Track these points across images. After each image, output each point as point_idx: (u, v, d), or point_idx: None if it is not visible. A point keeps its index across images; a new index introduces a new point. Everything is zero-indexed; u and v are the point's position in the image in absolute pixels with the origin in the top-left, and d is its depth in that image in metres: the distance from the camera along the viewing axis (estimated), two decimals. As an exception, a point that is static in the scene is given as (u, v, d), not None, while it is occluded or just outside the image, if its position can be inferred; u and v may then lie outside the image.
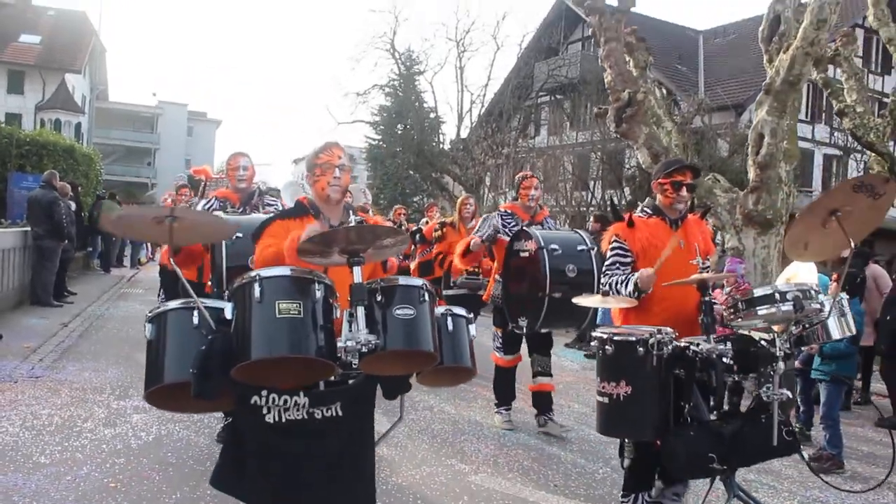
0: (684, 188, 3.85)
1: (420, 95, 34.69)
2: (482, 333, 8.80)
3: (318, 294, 2.61)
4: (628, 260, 3.87)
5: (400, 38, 50.99)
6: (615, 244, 3.93)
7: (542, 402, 5.87)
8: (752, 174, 9.82)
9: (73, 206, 12.23)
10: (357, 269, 2.66)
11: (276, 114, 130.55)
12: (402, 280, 2.85)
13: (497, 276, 5.95)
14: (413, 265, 8.95)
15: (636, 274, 3.72)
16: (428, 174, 31.14)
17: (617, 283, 3.82)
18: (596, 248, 5.27)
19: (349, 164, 3.24)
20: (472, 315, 3.20)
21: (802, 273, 4.64)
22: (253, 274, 2.62)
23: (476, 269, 7.39)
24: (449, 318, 3.06)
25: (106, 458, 4.58)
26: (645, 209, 4.09)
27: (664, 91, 27.97)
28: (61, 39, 36.18)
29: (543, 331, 5.65)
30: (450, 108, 37.60)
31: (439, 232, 8.14)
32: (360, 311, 2.62)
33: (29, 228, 10.81)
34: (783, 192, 9.62)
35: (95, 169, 17.57)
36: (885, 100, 25.75)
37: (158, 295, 8.93)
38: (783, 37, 10.10)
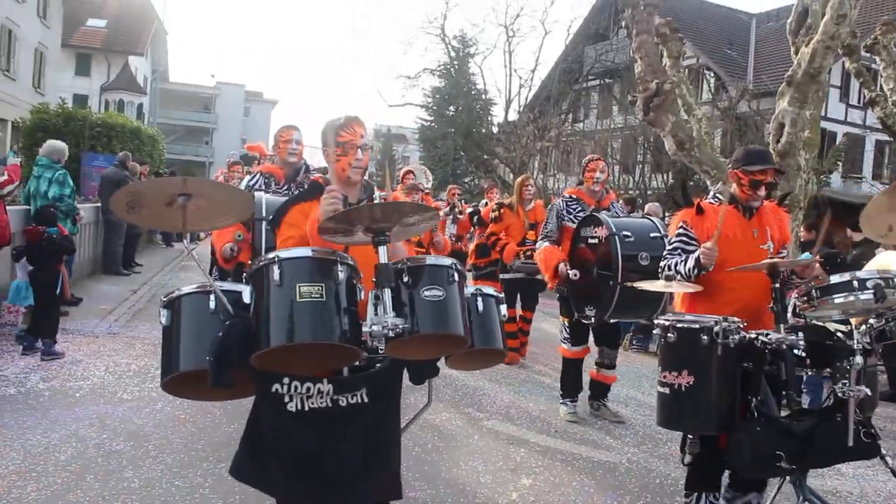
0: (763, 187, 3.64)
1: (470, 78, 35.32)
2: (540, 319, 9.40)
3: (342, 275, 2.43)
4: (692, 248, 3.71)
5: (450, 22, 51.45)
6: (681, 230, 3.80)
7: (599, 390, 5.85)
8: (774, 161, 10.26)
9: (141, 184, 13.27)
10: (383, 249, 2.50)
11: (328, 96, 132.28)
12: (430, 259, 2.66)
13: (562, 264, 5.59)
14: (471, 246, 8.82)
15: (697, 252, 3.58)
16: (475, 156, 31.74)
17: (676, 264, 3.71)
18: (669, 236, 5.03)
19: (370, 142, 3.10)
20: (501, 295, 3.06)
21: (893, 262, 4.17)
22: (271, 255, 2.44)
23: (533, 254, 7.04)
24: (479, 299, 2.88)
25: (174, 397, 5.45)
26: (717, 195, 3.93)
27: (714, 75, 28.19)
28: (125, 23, 37.64)
29: (612, 321, 5.47)
30: (498, 92, 38.15)
31: (496, 213, 7.76)
32: (387, 293, 2.45)
33: (100, 204, 11.87)
34: (801, 179, 10.05)
35: (159, 149, 18.70)
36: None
37: (211, 273, 8.85)
38: (810, 29, 10.48)
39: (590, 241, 5.33)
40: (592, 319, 5.33)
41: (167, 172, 17.70)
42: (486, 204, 9.90)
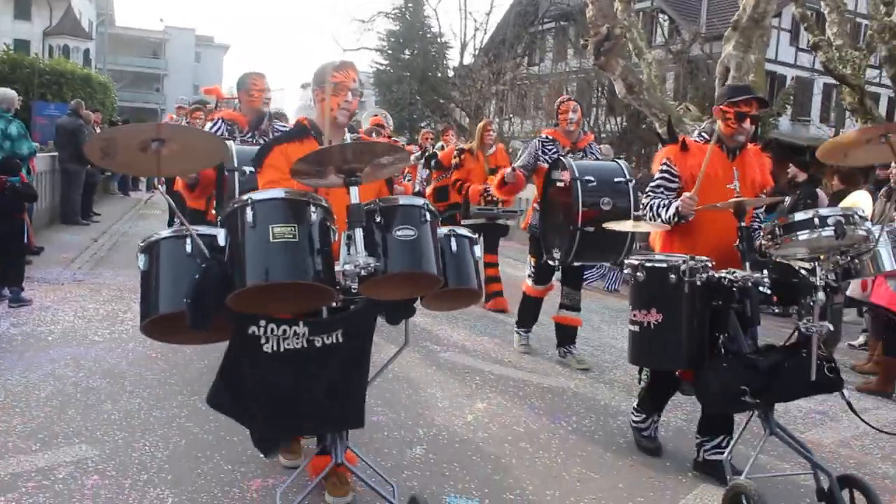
0: (748, 119, 3.66)
1: (425, 21, 35.03)
2: (516, 268, 9.64)
3: (315, 217, 2.48)
4: (674, 185, 3.77)
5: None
6: (664, 167, 3.82)
7: (565, 334, 5.80)
8: (718, 104, 10.66)
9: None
10: (354, 190, 2.55)
11: (281, 40, 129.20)
12: (403, 200, 2.71)
13: (535, 205, 5.76)
14: (428, 190, 8.74)
15: (678, 200, 3.63)
16: (431, 100, 31.72)
17: (658, 206, 3.74)
18: (634, 181, 5.22)
19: (361, 88, 3.12)
20: (476, 236, 3.08)
21: (863, 201, 4.26)
22: (245, 198, 2.48)
23: (493, 199, 7.38)
24: (452, 239, 2.90)
25: (145, 338, 5.68)
26: (703, 133, 3.92)
27: (668, 18, 28.39)
28: (67, -37, 36.29)
29: (576, 264, 5.51)
30: (454, 35, 37.74)
31: (458, 158, 7.79)
32: (359, 233, 2.50)
33: (56, 153, 11.79)
34: (708, 122, 10.47)
35: (111, 97, 18.45)
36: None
37: (171, 223, 8.85)
38: (755, -25, 10.77)
39: (557, 183, 5.35)
40: (556, 261, 5.39)
41: (119, 120, 17.49)
42: (443, 147, 9.85)
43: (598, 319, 7.63)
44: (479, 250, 3.02)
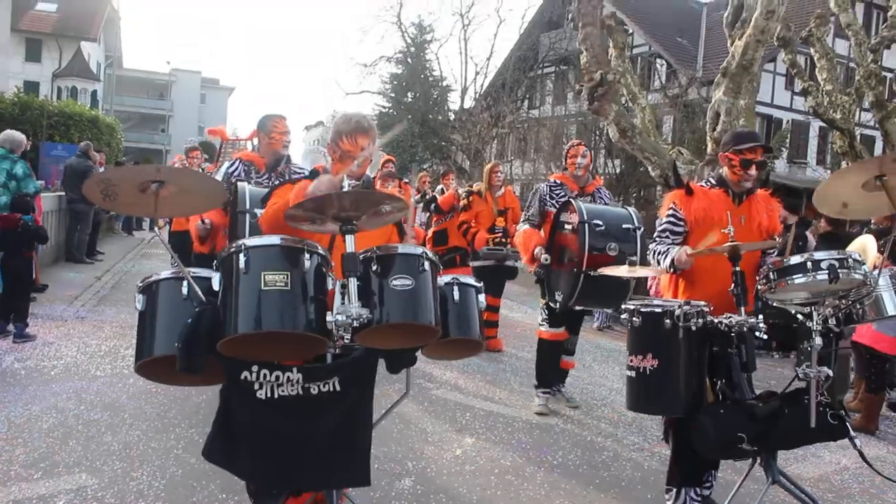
0: (754, 167, 3.67)
1: (427, 65, 35.69)
2: (512, 309, 9.78)
3: (308, 264, 2.45)
4: (680, 230, 3.77)
5: (406, 10, 51.55)
6: (670, 211, 3.82)
7: (557, 375, 5.83)
8: (709, 148, 10.91)
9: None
10: (350, 238, 2.51)
11: (285, 83, 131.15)
12: (401, 248, 2.64)
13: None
14: (428, 234, 8.62)
15: (676, 250, 3.61)
16: (431, 143, 32.17)
17: (657, 254, 3.76)
18: (643, 229, 5.13)
19: (370, 152, 3.05)
20: (481, 284, 3.02)
21: (870, 246, 4.12)
22: (239, 243, 2.48)
23: (502, 240, 7.40)
24: (455, 288, 2.85)
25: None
26: (710, 179, 3.93)
27: (665, 63, 28.92)
28: (76, 7, 36.90)
29: (577, 308, 5.40)
30: (454, 80, 38.76)
31: (465, 200, 7.79)
32: (353, 282, 2.46)
33: (63, 193, 12.05)
34: (717, 168, 10.71)
35: (117, 138, 18.78)
36: (887, 73, 26.68)
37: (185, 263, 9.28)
38: (745, 23, 11.10)
39: (566, 226, 5.27)
40: (557, 305, 5.30)
41: (125, 161, 17.81)
42: (443, 191, 9.81)
43: (591, 359, 7.76)
44: (483, 299, 2.97)
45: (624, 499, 4.03)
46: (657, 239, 3.83)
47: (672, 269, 3.63)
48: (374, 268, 2.54)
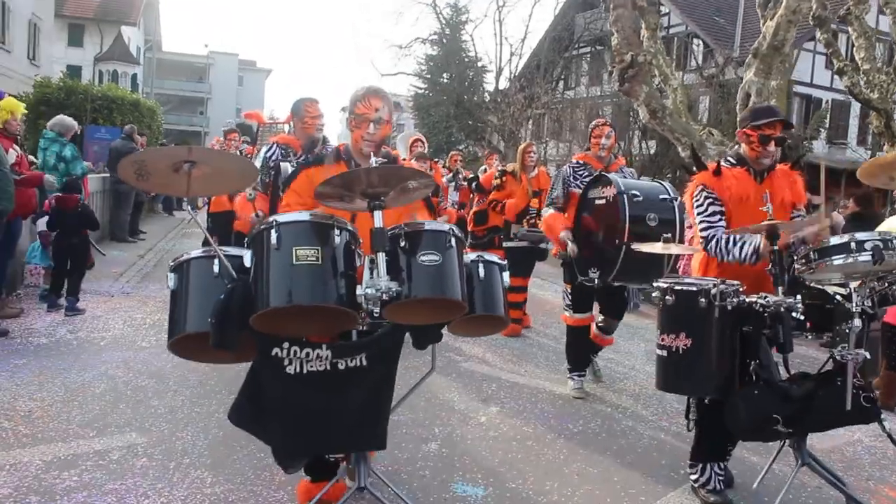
0: (773, 142, 3.60)
1: (462, 46, 35.70)
2: (542, 288, 9.90)
3: (339, 240, 2.51)
4: (722, 209, 3.66)
5: (441, -9, 51.44)
6: (707, 193, 3.68)
7: (591, 346, 5.78)
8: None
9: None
10: (378, 214, 2.56)
11: (321, 65, 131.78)
12: (428, 225, 2.70)
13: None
14: (469, 214, 8.69)
15: (756, 238, 3.45)
16: (466, 124, 32.24)
17: (730, 243, 3.55)
18: (679, 199, 4.91)
19: (387, 115, 3.11)
20: (504, 262, 3.06)
21: None
22: (270, 220, 2.55)
23: (536, 222, 7.24)
24: (480, 265, 2.89)
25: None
26: (728, 158, 3.86)
27: (702, 43, 28.60)
28: (117, -8, 37.73)
29: (616, 284, 5.17)
30: (489, 61, 38.50)
31: (499, 180, 7.69)
32: (381, 257, 2.51)
33: (107, 175, 12.49)
34: (735, 146, 10.72)
35: (157, 121, 19.25)
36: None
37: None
38: (777, 3, 11.06)
39: (597, 202, 5.14)
40: (596, 282, 5.11)
41: (166, 143, 18.27)
42: (486, 170, 9.78)
43: (616, 335, 7.90)
44: (507, 277, 3.01)
45: (639, 465, 4.23)
46: (709, 222, 3.64)
47: (755, 258, 3.44)
48: (403, 244, 2.61)
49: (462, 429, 4.62)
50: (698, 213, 3.72)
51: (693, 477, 3.71)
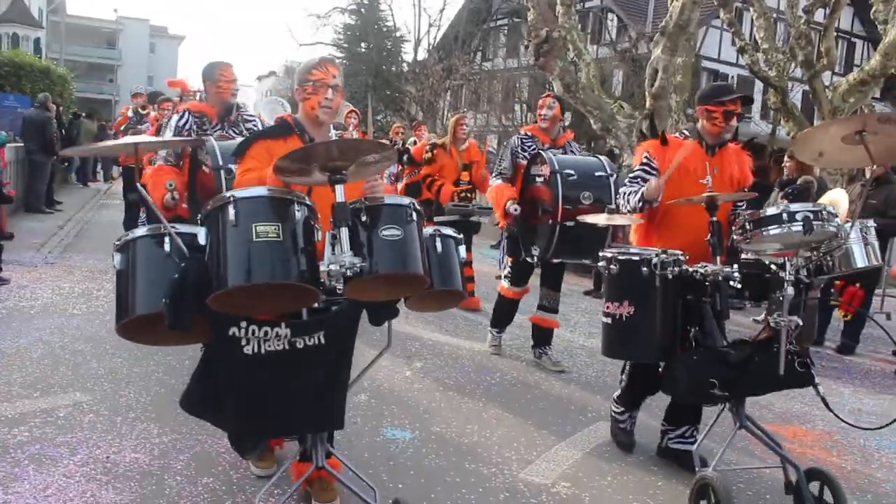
0: (734, 118, 3.75)
1: (381, 16, 35.63)
2: (478, 260, 10.25)
3: (299, 215, 2.43)
4: (652, 178, 3.81)
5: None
6: (644, 160, 3.91)
7: (542, 336, 5.73)
8: (648, 103, 11.56)
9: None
10: (339, 188, 2.49)
11: (237, 32, 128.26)
12: (389, 199, 2.64)
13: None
14: (400, 186, 8.63)
15: (645, 186, 3.73)
16: (385, 94, 32.32)
17: (628, 194, 3.84)
18: (616, 176, 5.15)
19: (341, 83, 3.05)
20: (461, 236, 3.08)
21: (839, 199, 4.12)
22: (227, 195, 2.42)
23: (467, 195, 7.30)
24: (437, 239, 2.88)
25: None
26: (684, 132, 4.02)
27: (616, 18, 29.42)
28: (16, -50, 35.77)
29: (555, 261, 5.36)
30: (408, 31, 38.27)
31: (429, 154, 7.54)
32: (344, 232, 2.45)
33: (21, 144, 12.21)
34: (672, 119, 11.40)
35: (68, 89, 18.71)
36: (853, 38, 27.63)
37: (138, 218, 8.58)
38: (683, -17, 11.68)
39: (536, 178, 5.27)
40: (535, 259, 5.29)
41: (80, 113, 17.81)
42: (416, 142, 9.67)
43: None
44: (463, 251, 3.01)
45: (550, 410, 4.70)
46: (626, 184, 3.93)
47: (641, 205, 3.73)
48: (363, 218, 2.55)
49: (389, 382, 4.99)
50: (629, 175, 4.00)
51: (616, 414, 4.17)
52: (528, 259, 5.39)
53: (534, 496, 3.48)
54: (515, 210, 5.32)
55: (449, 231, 2.99)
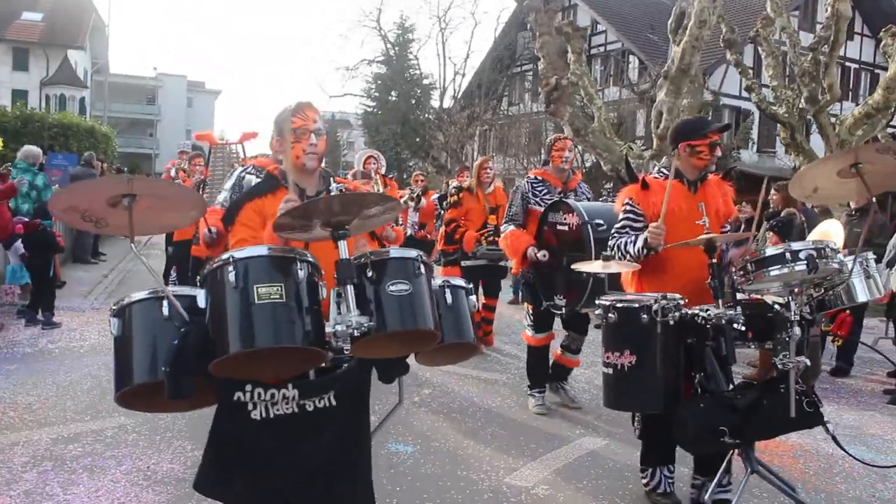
0: (717, 147, 3.67)
1: (409, 64, 36.81)
2: (504, 308, 10.72)
3: (301, 274, 2.32)
4: (640, 225, 3.70)
5: (385, 15, 52.50)
6: (627, 207, 3.76)
7: (560, 372, 5.73)
8: (655, 143, 12.12)
9: (101, 180, 14.53)
10: (343, 244, 2.40)
11: (270, 87, 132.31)
12: (394, 252, 2.52)
13: None
14: (440, 233, 8.33)
15: (644, 234, 3.55)
16: (413, 141, 33.22)
17: (625, 244, 3.64)
18: None
19: (324, 127, 2.93)
20: (471, 286, 2.89)
21: (834, 231, 4.13)
22: (226, 256, 2.32)
23: (495, 239, 6.98)
24: (447, 290, 2.70)
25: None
26: (662, 170, 3.92)
27: (637, 60, 30.10)
28: (62, 16, 37.49)
29: (583, 311, 5.27)
30: (434, 80, 39.74)
31: (455, 197, 7.51)
32: (350, 289, 2.36)
33: (49, 201, 13.11)
34: (667, 158, 11.93)
35: (112, 146, 19.87)
36: (846, 64, 28.06)
37: (169, 275, 9.16)
38: (686, 30, 12.32)
39: (559, 227, 5.16)
40: (563, 309, 5.20)
41: (123, 169, 18.87)
42: (460, 188, 9.29)
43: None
44: (474, 300, 2.85)
45: (543, 429, 5.19)
46: (615, 235, 3.77)
47: (645, 252, 3.56)
48: (369, 274, 2.42)
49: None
50: (615, 226, 3.85)
51: (644, 481, 3.86)
52: (553, 309, 5.33)
53: (514, 496, 3.99)
54: (544, 256, 5.26)
55: (459, 281, 2.83)
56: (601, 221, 4.88)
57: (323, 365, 2.53)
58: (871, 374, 7.68)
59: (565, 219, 5.14)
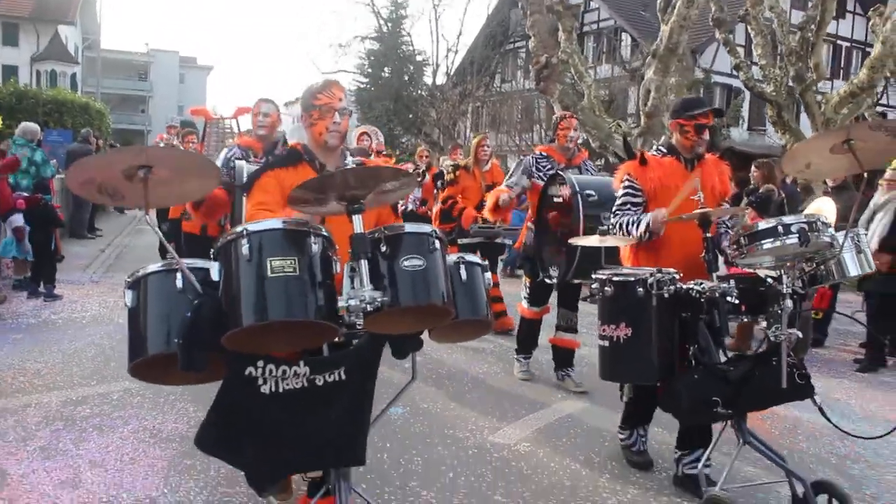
0: (706, 131, 3.75)
1: (401, 41, 36.75)
2: (505, 283, 10.92)
3: (315, 248, 2.31)
4: (639, 200, 3.79)
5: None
6: (626, 183, 3.85)
7: (562, 357, 5.69)
8: (642, 121, 12.35)
9: (97, 156, 14.69)
10: (357, 218, 2.39)
11: (262, 61, 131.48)
12: (409, 227, 2.50)
13: (530, 224, 5.66)
14: (434, 211, 8.45)
15: (649, 215, 3.65)
16: (405, 118, 33.33)
17: (628, 224, 3.74)
18: None
19: (350, 106, 2.97)
20: (486, 262, 2.90)
21: (827, 208, 4.14)
22: (239, 228, 2.31)
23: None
24: (462, 267, 2.70)
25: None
26: (660, 148, 4.00)
27: (629, 38, 30.21)
28: (53, -10, 37.46)
29: (575, 281, 5.29)
30: (427, 57, 39.48)
31: (452, 175, 7.51)
32: (364, 264, 2.35)
33: (64, 176, 13.30)
34: (665, 136, 12.17)
35: (105, 122, 19.96)
36: (838, 42, 28.32)
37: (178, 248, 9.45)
38: (675, 9, 12.49)
39: (554, 199, 5.26)
40: (555, 279, 5.31)
41: (114, 144, 18.98)
42: (456, 165, 9.29)
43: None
44: (489, 277, 2.84)
45: (528, 392, 5.47)
46: (617, 213, 3.86)
47: (647, 236, 3.66)
48: (383, 248, 2.43)
49: (389, 372, 5.77)
50: (616, 203, 3.95)
51: (621, 438, 4.16)
52: (547, 280, 5.43)
53: (497, 452, 4.27)
54: (504, 202, 5.46)
55: (474, 258, 2.83)
56: (592, 192, 4.95)
57: (336, 340, 2.58)
58: (844, 345, 7.98)
59: (560, 191, 5.27)
